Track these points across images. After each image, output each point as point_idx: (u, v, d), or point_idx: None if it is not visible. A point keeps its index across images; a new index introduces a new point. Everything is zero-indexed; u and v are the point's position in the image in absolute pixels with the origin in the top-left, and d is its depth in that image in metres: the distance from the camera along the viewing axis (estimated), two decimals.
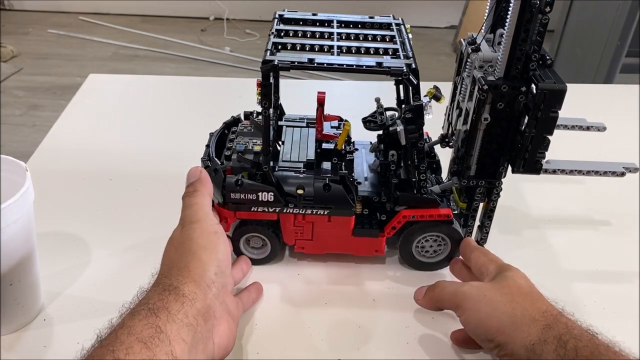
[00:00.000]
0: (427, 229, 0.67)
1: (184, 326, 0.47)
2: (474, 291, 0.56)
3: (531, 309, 0.52)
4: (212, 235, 0.55)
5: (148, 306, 0.47)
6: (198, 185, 0.59)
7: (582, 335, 0.48)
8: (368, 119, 0.69)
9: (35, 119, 2.38)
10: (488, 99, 0.61)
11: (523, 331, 0.50)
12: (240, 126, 0.73)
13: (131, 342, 0.43)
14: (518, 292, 0.54)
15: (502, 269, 0.58)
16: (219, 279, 0.53)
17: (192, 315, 0.48)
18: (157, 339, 0.44)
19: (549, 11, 0.57)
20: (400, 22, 0.71)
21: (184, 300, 0.48)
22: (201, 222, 0.55)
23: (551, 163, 0.67)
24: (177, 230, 0.56)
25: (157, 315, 0.46)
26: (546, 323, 0.50)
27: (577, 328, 0.49)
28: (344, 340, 0.61)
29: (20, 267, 0.57)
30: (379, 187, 0.69)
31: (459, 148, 0.68)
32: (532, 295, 0.54)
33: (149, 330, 0.45)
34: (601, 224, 0.81)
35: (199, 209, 0.57)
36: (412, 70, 0.60)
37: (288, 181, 0.65)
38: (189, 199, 0.58)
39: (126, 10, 3.35)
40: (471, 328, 0.55)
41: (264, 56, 0.60)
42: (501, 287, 0.55)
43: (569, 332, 0.49)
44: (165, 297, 0.48)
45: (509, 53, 0.60)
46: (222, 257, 0.54)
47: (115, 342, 0.43)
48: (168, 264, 0.52)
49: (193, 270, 0.51)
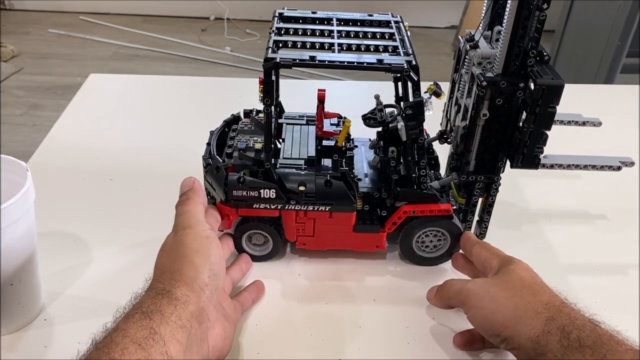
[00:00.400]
0: (426, 224, 0.68)
1: (177, 328, 0.47)
2: (478, 288, 0.57)
3: (534, 301, 0.53)
4: (205, 240, 0.56)
5: (141, 309, 0.48)
6: (191, 194, 0.60)
7: (584, 325, 0.49)
8: (368, 115, 0.69)
9: (36, 119, 2.39)
10: (487, 95, 0.62)
11: (527, 324, 0.51)
12: (240, 124, 0.73)
13: (126, 343, 0.44)
14: (520, 286, 0.55)
15: (504, 262, 0.59)
16: (212, 281, 0.53)
17: (185, 318, 0.49)
18: (151, 340, 0.45)
19: (546, 8, 0.58)
20: (399, 20, 0.71)
21: (176, 304, 0.49)
22: (193, 227, 0.56)
23: (549, 158, 0.68)
24: (169, 237, 0.57)
25: (150, 318, 0.47)
26: (549, 315, 0.51)
27: (579, 318, 0.50)
28: (345, 341, 0.61)
29: (20, 267, 0.57)
30: (379, 183, 0.69)
31: (457, 144, 0.69)
32: (534, 287, 0.55)
33: (144, 332, 0.45)
34: (598, 218, 0.82)
35: (191, 215, 0.58)
36: (413, 66, 0.60)
37: (289, 178, 0.65)
38: (182, 207, 0.59)
39: (127, 10, 3.36)
40: (478, 324, 0.57)
41: (265, 54, 0.61)
42: (504, 281, 0.56)
43: (572, 323, 0.49)
44: (159, 300, 0.49)
45: (507, 50, 0.61)
46: (215, 260, 0.55)
47: (110, 344, 0.44)
48: (161, 269, 0.53)
49: (186, 274, 0.52)
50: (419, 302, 0.66)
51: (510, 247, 0.64)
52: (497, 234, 0.75)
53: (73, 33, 3.12)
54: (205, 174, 0.67)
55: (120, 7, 3.34)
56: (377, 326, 0.63)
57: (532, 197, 0.85)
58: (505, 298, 0.54)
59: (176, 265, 0.53)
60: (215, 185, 0.66)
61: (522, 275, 0.56)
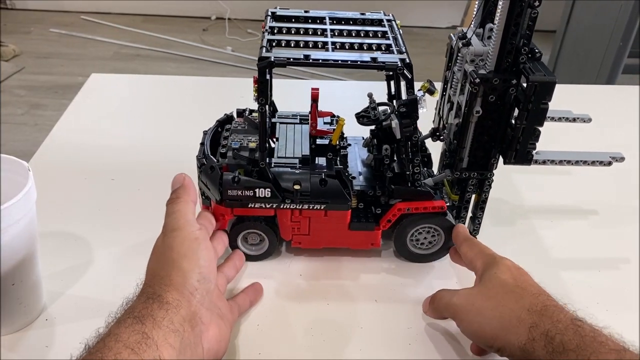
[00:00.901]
0: (420, 221, 0.68)
1: (170, 332, 0.47)
2: (463, 301, 0.57)
3: (517, 308, 0.53)
4: (193, 243, 0.55)
5: (133, 314, 0.48)
6: (181, 192, 0.59)
7: (567, 328, 0.49)
8: (361, 114, 0.70)
9: (37, 118, 2.40)
10: (480, 92, 0.62)
11: (513, 333, 0.51)
12: (234, 124, 0.73)
13: (119, 348, 0.44)
14: (503, 292, 0.55)
15: (487, 265, 0.59)
16: (202, 285, 0.53)
17: (177, 322, 0.49)
18: (144, 344, 0.45)
19: (538, 5, 0.58)
20: (391, 19, 0.72)
21: (168, 308, 0.49)
22: (182, 229, 0.56)
23: (541, 154, 0.68)
24: (159, 239, 0.56)
25: (142, 323, 0.47)
26: (532, 321, 0.51)
27: (562, 320, 0.50)
28: (346, 341, 0.62)
29: (22, 267, 0.57)
30: (373, 181, 0.70)
31: (451, 141, 0.69)
32: (516, 291, 0.54)
33: (136, 336, 0.45)
34: (590, 214, 0.83)
35: (180, 216, 0.57)
36: (407, 64, 0.61)
37: (284, 177, 0.66)
38: (171, 206, 0.58)
39: (128, 9, 3.36)
40: (470, 337, 0.57)
41: (259, 53, 0.61)
42: (487, 289, 0.56)
43: (554, 327, 0.50)
44: (150, 305, 0.49)
45: (499, 47, 0.61)
46: (204, 263, 0.54)
47: (103, 348, 0.44)
48: (151, 274, 0.53)
49: (174, 279, 0.52)
50: (420, 302, 0.66)
51: (504, 244, 0.64)
52: (490, 231, 0.75)
53: (74, 33, 3.13)
54: (200, 174, 0.68)
55: (121, 7, 3.35)
56: (378, 327, 0.64)
57: (525, 193, 0.86)
58: (490, 309, 0.54)
59: (165, 271, 0.52)
60: (210, 185, 0.66)
61: (503, 279, 0.56)
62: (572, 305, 0.54)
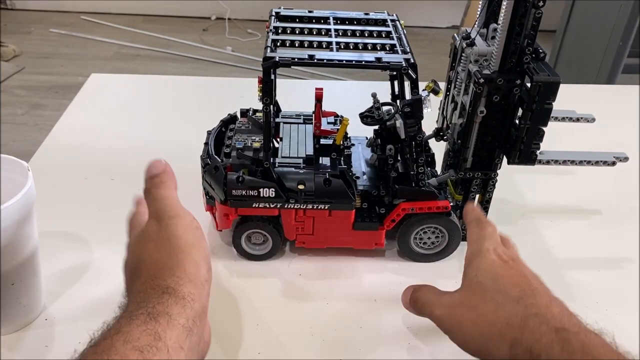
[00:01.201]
0: (424, 221, 0.68)
1: (183, 331, 0.45)
2: (445, 314, 0.54)
3: (496, 321, 0.49)
4: (196, 231, 0.52)
5: (147, 310, 0.45)
6: (164, 177, 0.55)
7: (551, 345, 0.45)
8: (365, 114, 0.69)
9: (37, 119, 2.40)
10: (484, 92, 0.62)
11: (496, 348, 0.48)
12: (237, 123, 0.73)
13: (126, 350, 0.41)
14: (482, 301, 0.51)
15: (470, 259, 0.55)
16: (209, 276, 0.51)
17: (191, 319, 0.46)
18: (154, 348, 0.42)
19: (542, 5, 0.58)
20: (395, 18, 0.72)
21: (184, 304, 0.46)
22: (181, 217, 0.52)
23: (545, 154, 0.68)
24: (152, 226, 0.52)
25: (157, 320, 0.44)
26: (513, 336, 0.47)
27: (545, 335, 0.46)
28: (346, 341, 0.61)
29: (22, 267, 0.57)
30: (377, 181, 0.70)
31: (455, 141, 0.69)
32: (495, 298, 0.50)
33: (147, 338, 0.43)
34: (593, 214, 0.83)
35: (174, 202, 0.53)
36: (411, 64, 0.61)
37: (288, 177, 0.66)
38: (158, 191, 0.54)
39: (128, 9, 3.37)
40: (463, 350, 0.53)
41: (264, 53, 0.61)
42: (468, 298, 0.52)
43: (537, 344, 0.46)
44: (165, 300, 0.46)
45: (503, 47, 0.61)
46: (209, 253, 0.52)
47: (110, 349, 0.41)
48: (154, 263, 0.50)
49: (188, 270, 0.49)
50: None
51: None
52: None
53: (74, 33, 3.13)
54: (204, 174, 0.68)
55: (121, 7, 3.35)
56: (378, 326, 0.63)
57: (528, 193, 0.86)
58: (469, 322, 0.51)
59: (174, 260, 0.49)
60: (214, 184, 0.66)
61: (481, 281, 0.52)
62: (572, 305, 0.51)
